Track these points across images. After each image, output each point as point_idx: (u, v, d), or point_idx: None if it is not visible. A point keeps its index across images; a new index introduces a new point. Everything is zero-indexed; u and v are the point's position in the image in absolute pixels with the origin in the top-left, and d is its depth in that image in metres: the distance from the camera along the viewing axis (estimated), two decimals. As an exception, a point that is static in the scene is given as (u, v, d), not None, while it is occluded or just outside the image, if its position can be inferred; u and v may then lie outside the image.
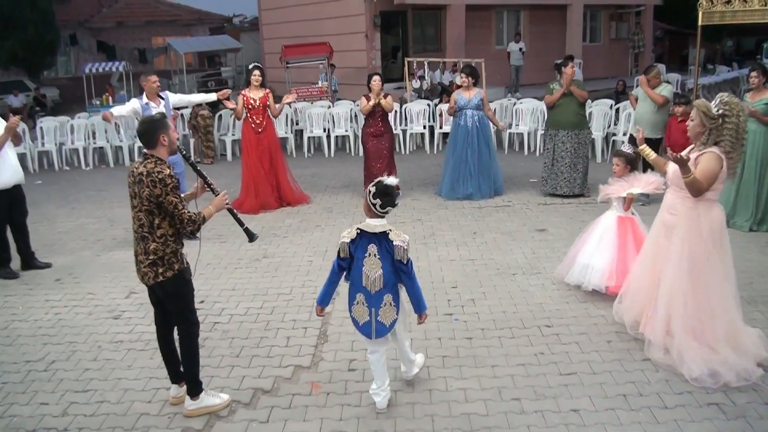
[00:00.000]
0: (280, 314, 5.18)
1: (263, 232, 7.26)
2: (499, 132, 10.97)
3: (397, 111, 11.65)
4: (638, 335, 4.43)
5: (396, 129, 11.51)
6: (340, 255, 3.64)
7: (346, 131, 12.38)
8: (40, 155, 12.22)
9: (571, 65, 8.15)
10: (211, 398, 3.85)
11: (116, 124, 11.86)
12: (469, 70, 8.61)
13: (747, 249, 6.17)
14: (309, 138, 12.41)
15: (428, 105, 12.54)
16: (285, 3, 21.14)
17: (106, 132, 12.14)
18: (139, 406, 3.92)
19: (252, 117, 8.17)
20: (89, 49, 28.79)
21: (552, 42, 20.13)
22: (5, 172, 6.11)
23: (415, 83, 14.80)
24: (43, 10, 22.12)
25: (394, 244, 3.52)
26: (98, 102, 17.25)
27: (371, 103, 8.36)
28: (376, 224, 3.57)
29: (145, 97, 7.33)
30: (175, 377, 3.91)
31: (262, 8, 23.44)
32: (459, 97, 8.54)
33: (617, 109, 11.12)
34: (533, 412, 3.72)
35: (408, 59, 14.52)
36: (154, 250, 3.59)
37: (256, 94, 8.16)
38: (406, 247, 3.53)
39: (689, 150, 4.15)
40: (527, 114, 11.83)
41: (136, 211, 3.60)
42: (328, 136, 12.35)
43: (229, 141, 12.28)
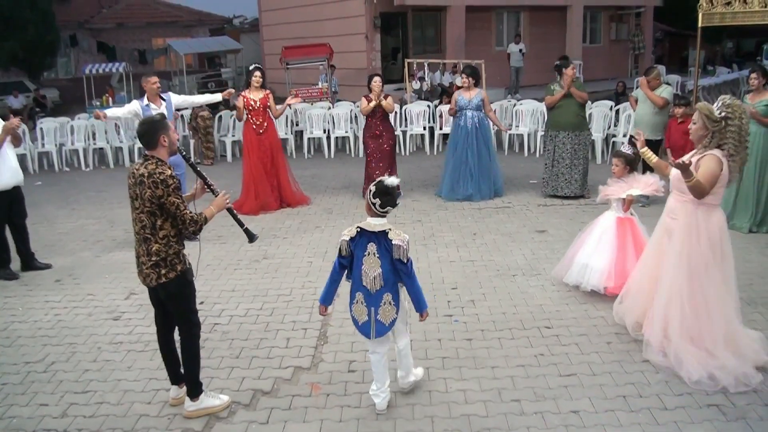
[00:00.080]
0: (280, 315, 5.18)
1: (263, 233, 7.26)
2: (499, 133, 10.99)
3: (397, 112, 11.65)
4: (639, 336, 4.42)
5: (396, 130, 11.49)
6: (341, 253, 3.65)
7: (346, 132, 12.39)
8: (40, 156, 12.22)
9: (572, 66, 8.16)
10: (211, 399, 3.85)
11: (116, 125, 11.89)
12: (469, 70, 8.62)
13: (747, 250, 6.17)
14: (309, 139, 12.42)
15: (428, 106, 12.54)
16: (285, 4, 21.16)
17: (106, 133, 12.14)
18: (139, 408, 3.92)
19: (252, 118, 8.19)
20: (89, 50, 28.79)
21: (552, 43, 20.13)
22: (5, 173, 6.10)
23: (415, 84, 14.81)
24: (43, 10, 22.13)
25: (393, 243, 3.52)
26: (98, 103, 17.26)
27: (372, 104, 8.37)
28: (376, 223, 3.57)
29: (146, 99, 7.33)
30: (175, 378, 3.91)
31: (263, 9, 23.47)
32: (459, 97, 8.54)
33: (617, 111, 11.12)
34: (533, 414, 3.72)
35: (408, 60, 14.54)
36: (156, 251, 3.58)
37: (256, 95, 8.16)
38: (405, 246, 3.53)
39: (691, 155, 4.15)
40: (527, 115, 11.83)
41: (137, 212, 3.59)
42: (328, 137, 12.36)
43: (229, 142, 12.29)
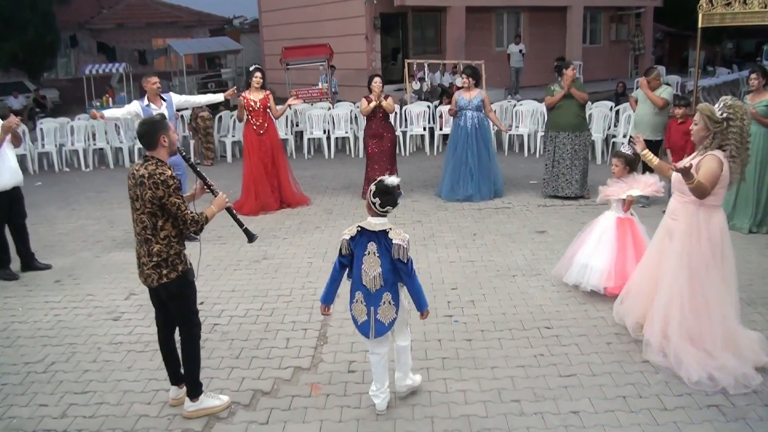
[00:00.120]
0: (280, 316, 5.18)
1: (263, 233, 7.26)
2: (499, 134, 11.00)
3: (397, 113, 11.65)
4: (639, 337, 4.42)
5: (396, 130, 11.50)
6: (341, 252, 3.65)
7: (346, 133, 12.39)
8: (40, 156, 12.22)
9: (572, 67, 8.16)
10: (211, 400, 3.85)
11: (116, 125, 11.89)
12: (470, 71, 8.61)
13: (747, 251, 6.17)
14: (309, 139, 12.41)
15: (428, 107, 12.54)
16: (285, 5, 21.17)
17: (106, 133, 12.14)
18: (139, 408, 3.92)
19: (253, 119, 8.19)
20: (89, 51, 28.80)
21: (552, 44, 20.15)
22: (4, 174, 6.10)
23: (415, 85, 14.81)
24: (44, 11, 22.13)
25: (393, 242, 3.51)
26: (98, 103, 17.26)
27: (372, 104, 8.38)
28: (376, 223, 3.57)
29: (146, 99, 7.33)
30: (175, 379, 3.91)
31: (263, 10, 23.48)
32: (459, 98, 8.55)
33: (617, 111, 11.12)
34: (533, 414, 3.72)
35: (408, 61, 14.54)
36: (158, 252, 3.58)
37: (256, 96, 8.16)
38: (405, 246, 3.53)
39: (691, 158, 4.14)
40: (527, 116, 11.83)
41: (138, 213, 3.58)
42: (328, 138, 12.36)
43: (229, 143, 12.29)
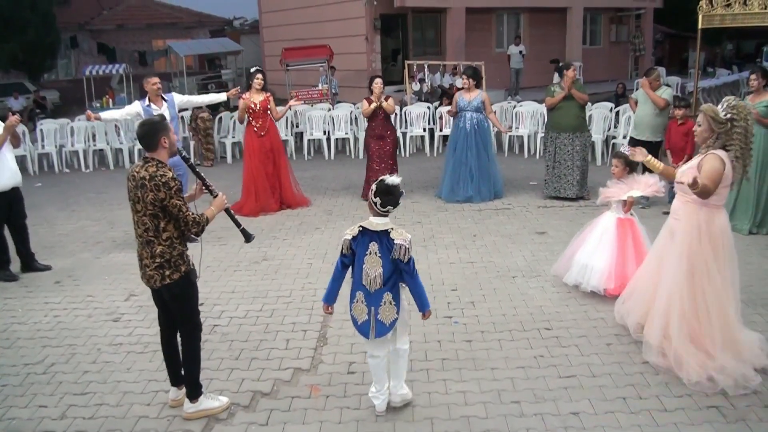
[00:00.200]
0: (280, 317, 5.18)
1: (263, 234, 7.26)
2: (499, 135, 11.00)
3: (397, 114, 11.65)
4: (639, 338, 4.41)
5: (396, 131, 11.51)
6: (343, 252, 3.64)
7: (346, 134, 12.39)
8: (40, 157, 12.22)
9: (572, 68, 8.16)
10: (210, 401, 3.84)
11: (116, 126, 11.89)
12: (470, 71, 8.61)
13: (747, 252, 6.16)
14: (309, 140, 12.41)
15: (428, 108, 12.54)
16: (285, 6, 21.18)
17: (106, 134, 12.15)
18: (138, 409, 3.92)
19: (253, 121, 8.19)
20: (89, 52, 28.79)
21: (552, 45, 20.16)
22: (4, 174, 6.11)
23: (415, 86, 14.81)
24: (44, 12, 22.12)
25: (395, 242, 3.50)
26: (98, 104, 17.27)
27: (372, 105, 8.39)
28: (378, 222, 3.56)
29: (147, 100, 7.33)
30: (175, 380, 3.91)
31: (263, 11, 23.49)
32: (459, 98, 8.55)
33: (617, 113, 11.12)
34: (533, 415, 3.71)
35: (408, 62, 14.55)
36: (160, 253, 3.58)
37: (257, 97, 8.16)
38: (407, 246, 3.51)
39: (690, 165, 4.13)
40: (527, 117, 11.82)
41: (140, 215, 3.57)
42: (328, 139, 12.36)
43: (229, 143, 12.29)
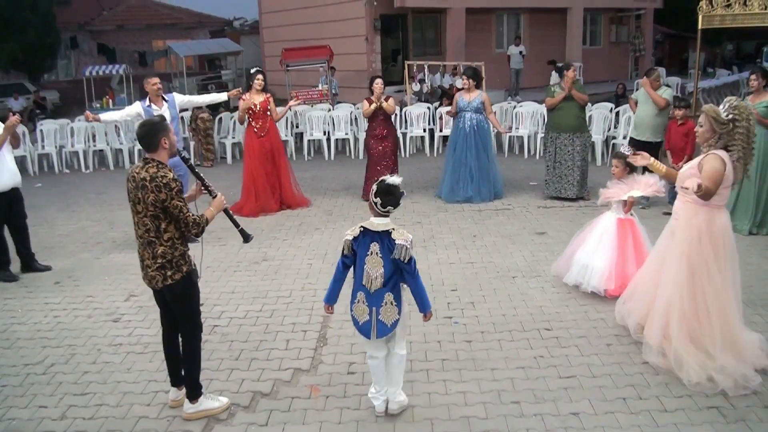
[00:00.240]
0: (280, 317, 5.18)
1: (263, 234, 7.26)
2: (499, 135, 10.99)
3: (397, 114, 11.65)
4: (640, 338, 4.41)
5: (396, 132, 11.52)
6: (344, 252, 3.64)
7: (346, 134, 12.39)
8: (40, 158, 12.22)
9: (573, 68, 8.16)
10: (210, 401, 3.84)
11: (116, 126, 11.90)
12: (470, 72, 8.61)
13: (747, 252, 6.15)
14: (309, 141, 12.42)
15: (428, 108, 12.54)
16: (285, 6, 21.18)
17: (106, 135, 12.15)
18: (138, 410, 3.92)
19: (253, 121, 8.19)
20: (89, 52, 28.80)
21: (552, 45, 20.16)
22: (3, 175, 6.10)
23: (415, 86, 14.81)
24: (44, 12, 22.12)
25: (396, 243, 3.50)
26: (98, 105, 17.24)
27: (373, 106, 8.39)
28: (379, 223, 3.56)
29: (147, 100, 7.33)
30: (176, 380, 3.91)
31: (263, 11, 23.48)
32: (459, 99, 8.56)
33: (617, 113, 11.12)
34: (533, 416, 3.71)
35: (408, 62, 14.55)
36: (162, 253, 3.58)
37: (257, 98, 8.16)
38: (408, 246, 3.50)
39: (689, 166, 4.13)
40: (527, 117, 11.82)
41: (140, 216, 3.57)
42: (328, 139, 12.36)
43: (229, 144, 12.29)
